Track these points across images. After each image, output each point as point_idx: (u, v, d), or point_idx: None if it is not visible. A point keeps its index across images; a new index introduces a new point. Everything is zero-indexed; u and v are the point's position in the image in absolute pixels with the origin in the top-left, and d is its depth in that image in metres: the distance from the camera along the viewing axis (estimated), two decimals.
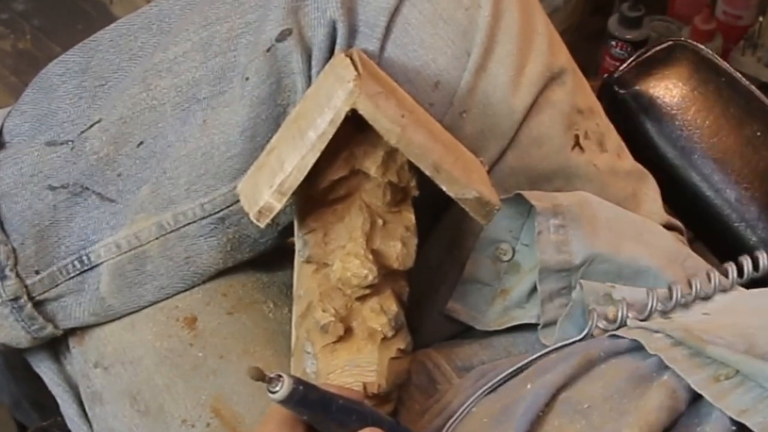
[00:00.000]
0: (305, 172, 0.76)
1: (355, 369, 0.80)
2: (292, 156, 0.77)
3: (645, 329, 0.81)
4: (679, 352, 0.77)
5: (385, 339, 0.81)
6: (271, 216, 0.77)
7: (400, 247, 0.81)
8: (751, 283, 0.89)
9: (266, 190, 0.77)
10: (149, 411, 0.90)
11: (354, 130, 0.78)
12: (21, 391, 1.11)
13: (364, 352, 0.80)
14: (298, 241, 0.83)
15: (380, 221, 0.81)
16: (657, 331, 0.80)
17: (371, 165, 0.80)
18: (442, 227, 0.92)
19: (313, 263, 0.82)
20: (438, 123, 0.85)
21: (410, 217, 0.82)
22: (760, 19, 2.05)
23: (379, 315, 0.80)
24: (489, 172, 0.87)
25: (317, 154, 0.76)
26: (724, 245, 1.07)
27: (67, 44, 0.98)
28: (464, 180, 0.77)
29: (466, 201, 0.78)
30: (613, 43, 2.05)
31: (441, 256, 0.92)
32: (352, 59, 0.78)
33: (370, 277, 0.79)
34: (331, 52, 0.86)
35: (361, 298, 0.81)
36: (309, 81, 0.87)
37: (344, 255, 0.80)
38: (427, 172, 0.77)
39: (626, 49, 2.04)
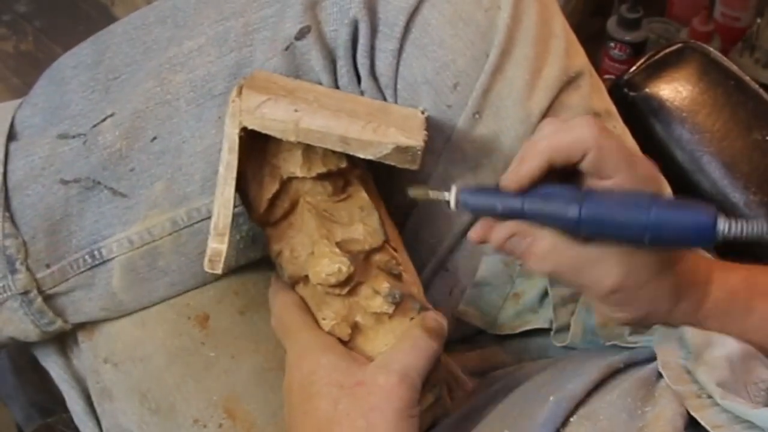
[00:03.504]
0: (231, 207, 0.77)
1: (379, 356, 0.80)
2: (216, 196, 0.78)
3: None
4: (674, 359, 0.77)
5: (391, 316, 0.81)
6: (222, 260, 0.78)
7: (361, 228, 0.81)
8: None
9: (209, 239, 0.78)
10: (160, 409, 0.90)
11: (265, 145, 0.79)
12: (29, 400, 1.10)
13: (380, 338, 0.81)
14: (276, 269, 0.84)
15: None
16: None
17: (295, 167, 0.80)
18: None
19: (298, 282, 0.82)
20: (360, 97, 0.85)
21: (361, 195, 0.82)
22: (758, 20, 2.06)
23: (374, 298, 0.81)
24: None
25: (232, 186, 0.77)
26: (731, 249, 1.07)
27: (68, 45, 0.97)
28: (377, 139, 0.77)
29: (387, 157, 0.77)
30: (612, 44, 2.05)
31: None
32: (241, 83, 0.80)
33: (344, 269, 0.79)
34: (355, 51, 0.85)
35: (353, 291, 0.81)
36: (336, 79, 0.86)
37: (313, 260, 0.80)
38: (337, 149, 0.77)
39: (625, 50, 2.05)
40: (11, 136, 0.92)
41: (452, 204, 0.75)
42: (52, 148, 0.89)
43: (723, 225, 0.69)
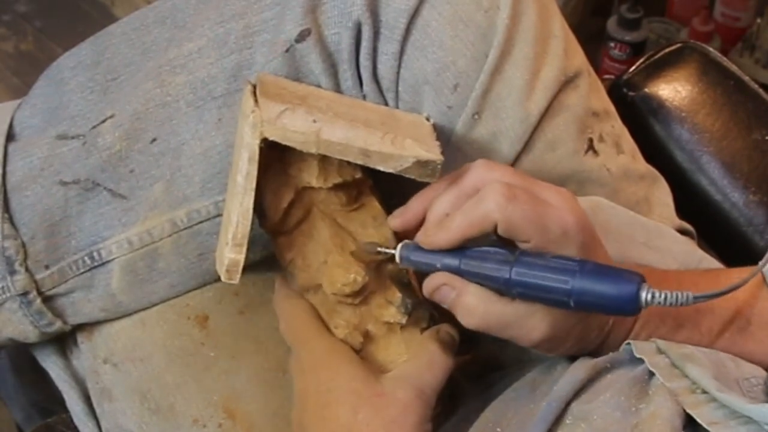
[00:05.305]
0: (249, 217, 0.77)
1: (390, 365, 0.81)
2: (234, 206, 0.77)
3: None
4: (662, 359, 0.77)
5: (403, 326, 0.81)
6: (239, 269, 0.78)
7: (375, 237, 0.81)
8: None
9: (226, 248, 0.78)
10: (160, 409, 0.90)
11: (281, 154, 0.79)
12: (29, 400, 1.10)
13: (392, 347, 0.81)
14: (286, 277, 0.84)
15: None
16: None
17: (310, 178, 0.80)
18: None
19: (309, 290, 0.83)
20: (365, 102, 0.85)
21: (374, 205, 0.83)
22: (758, 20, 2.06)
23: (387, 307, 0.81)
24: None
25: (252, 195, 0.76)
26: (731, 249, 1.07)
27: (68, 45, 0.97)
28: (397, 152, 0.77)
29: (407, 170, 0.77)
30: (612, 44, 2.06)
31: None
32: (254, 87, 0.79)
33: (359, 279, 0.79)
34: (357, 54, 0.85)
35: (365, 300, 0.81)
36: (336, 82, 0.86)
37: (327, 269, 0.80)
38: (358, 161, 0.77)
39: (625, 50, 2.05)
40: (10, 136, 0.92)
41: (397, 259, 0.78)
42: (51, 149, 0.89)
43: (646, 295, 0.71)
